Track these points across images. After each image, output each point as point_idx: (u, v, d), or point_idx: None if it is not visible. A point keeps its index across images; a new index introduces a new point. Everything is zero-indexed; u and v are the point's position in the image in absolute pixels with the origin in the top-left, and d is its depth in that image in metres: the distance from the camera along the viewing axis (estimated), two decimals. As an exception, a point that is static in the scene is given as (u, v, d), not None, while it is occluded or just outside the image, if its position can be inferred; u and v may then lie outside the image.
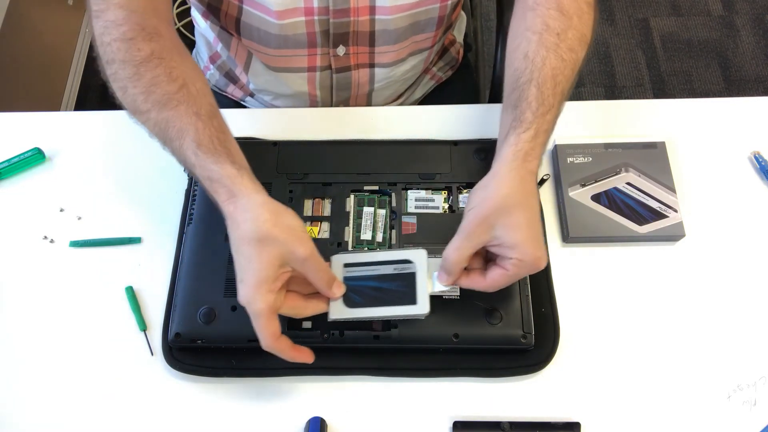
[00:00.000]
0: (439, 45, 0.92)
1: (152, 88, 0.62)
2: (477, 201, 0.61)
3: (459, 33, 1.05)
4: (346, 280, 0.63)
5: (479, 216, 0.59)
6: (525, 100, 0.63)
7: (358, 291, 0.62)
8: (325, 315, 0.66)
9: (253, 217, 0.58)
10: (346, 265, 0.63)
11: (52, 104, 1.70)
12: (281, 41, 0.81)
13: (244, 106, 0.98)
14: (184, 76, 0.64)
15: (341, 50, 0.83)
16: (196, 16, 0.92)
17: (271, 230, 0.57)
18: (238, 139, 0.78)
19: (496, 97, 0.89)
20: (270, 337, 0.58)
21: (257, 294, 0.57)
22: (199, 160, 0.61)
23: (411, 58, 0.89)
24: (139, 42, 0.63)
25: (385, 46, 0.84)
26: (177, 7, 1.84)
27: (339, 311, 0.62)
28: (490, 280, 0.61)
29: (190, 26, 1.00)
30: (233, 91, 0.98)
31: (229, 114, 0.84)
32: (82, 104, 1.78)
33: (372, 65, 0.87)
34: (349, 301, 0.62)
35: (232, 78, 0.96)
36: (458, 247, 0.60)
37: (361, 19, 0.79)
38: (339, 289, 0.62)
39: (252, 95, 0.96)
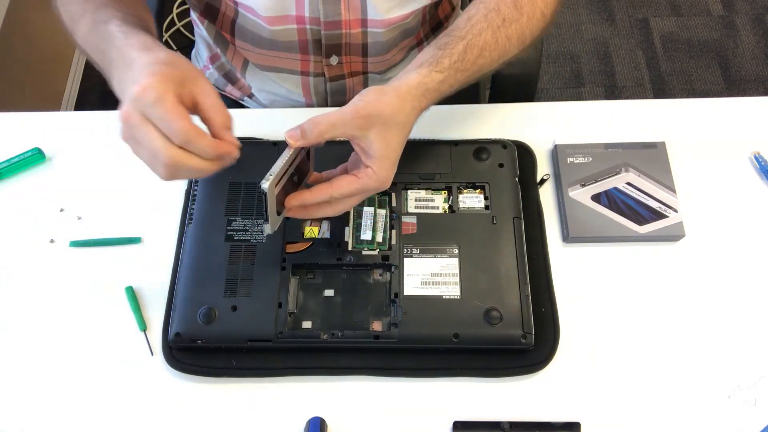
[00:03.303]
0: (431, 41, 0.93)
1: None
2: (371, 98, 0.61)
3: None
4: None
5: (367, 110, 0.59)
6: (450, 49, 0.66)
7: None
8: (326, 315, 0.67)
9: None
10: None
11: (52, 104, 1.70)
12: (273, 45, 0.81)
13: (244, 106, 0.98)
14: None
15: (334, 60, 0.83)
16: (195, 17, 0.92)
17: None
18: (238, 139, 0.79)
19: (496, 96, 0.90)
20: (182, 119, 0.52)
21: (146, 83, 0.51)
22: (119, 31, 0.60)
23: (403, 61, 0.90)
24: None
25: (377, 57, 0.85)
26: (177, 7, 1.85)
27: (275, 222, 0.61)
28: (336, 186, 0.61)
29: (190, 26, 1.00)
30: (232, 91, 0.98)
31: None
32: (82, 104, 1.78)
33: (365, 72, 0.87)
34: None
35: (230, 78, 0.96)
36: (332, 123, 0.59)
37: (353, 32, 0.80)
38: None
39: (250, 96, 0.96)
